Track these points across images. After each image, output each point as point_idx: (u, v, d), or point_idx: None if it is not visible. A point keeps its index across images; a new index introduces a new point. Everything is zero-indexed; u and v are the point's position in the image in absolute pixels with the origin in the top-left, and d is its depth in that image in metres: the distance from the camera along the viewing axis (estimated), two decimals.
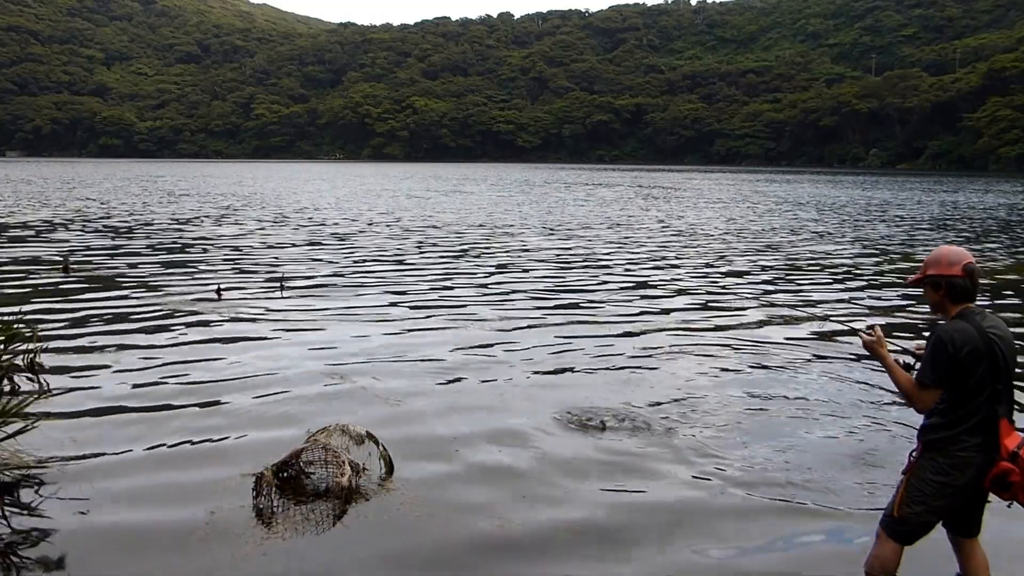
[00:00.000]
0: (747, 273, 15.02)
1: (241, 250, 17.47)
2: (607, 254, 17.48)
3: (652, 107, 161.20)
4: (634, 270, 15.14)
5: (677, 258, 16.99)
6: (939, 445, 3.49)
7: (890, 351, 3.70)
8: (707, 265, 15.91)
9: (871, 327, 3.84)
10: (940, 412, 3.52)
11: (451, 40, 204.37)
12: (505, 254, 17.43)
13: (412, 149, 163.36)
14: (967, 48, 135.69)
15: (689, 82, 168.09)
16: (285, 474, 5.00)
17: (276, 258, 16.14)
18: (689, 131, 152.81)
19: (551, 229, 23.14)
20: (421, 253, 17.31)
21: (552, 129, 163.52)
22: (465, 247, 18.52)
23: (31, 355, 7.35)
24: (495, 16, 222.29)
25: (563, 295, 12.30)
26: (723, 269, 15.45)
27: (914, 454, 3.60)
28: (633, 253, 17.77)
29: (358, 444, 5.14)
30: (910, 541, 3.64)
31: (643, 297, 12.23)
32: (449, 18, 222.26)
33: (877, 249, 19.37)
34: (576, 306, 11.37)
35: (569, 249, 18.34)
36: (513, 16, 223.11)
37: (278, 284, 12.48)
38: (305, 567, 4.14)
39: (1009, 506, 3.51)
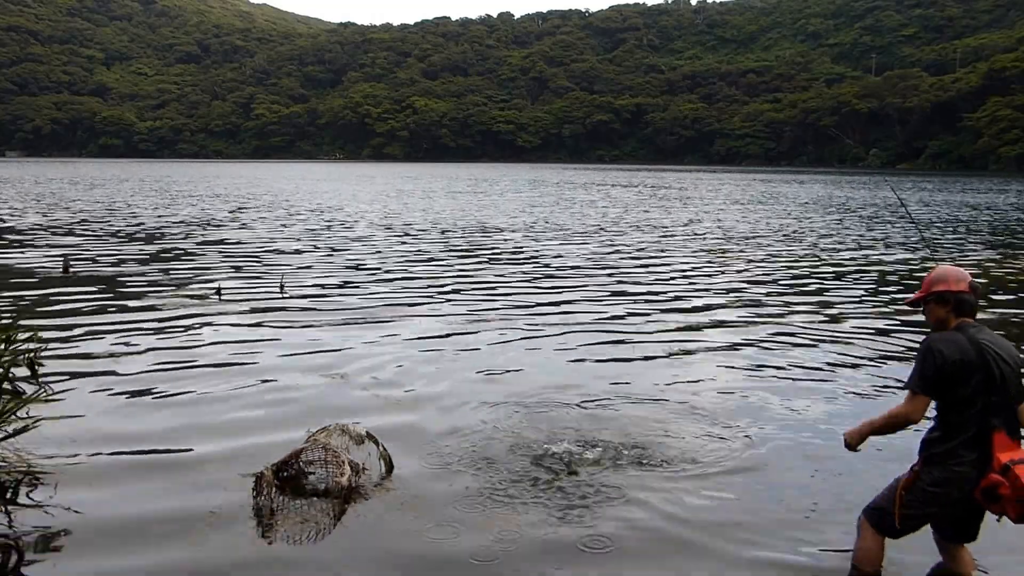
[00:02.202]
0: (790, 281, 14.38)
1: (242, 251, 17.47)
2: (640, 261, 16.64)
3: (652, 107, 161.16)
4: (670, 276, 14.56)
5: (716, 265, 16.15)
6: (937, 460, 3.56)
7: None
8: (744, 272, 15.25)
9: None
10: (936, 426, 3.62)
11: (451, 40, 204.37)
12: (523, 256, 17.41)
13: (412, 149, 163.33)
14: (967, 48, 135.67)
15: (689, 82, 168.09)
16: (285, 474, 5.01)
17: (277, 259, 16.15)
18: (689, 131, 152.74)
19: (577, 232, 22.86)
20: (428, 254, 17.30)
21: (552, 129, 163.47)
22: (473, 248, 18.51)
23: (31, 355, 7.37)
24: (495, 16, 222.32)
25: (581, 300, 12.18)
26: (761, 276, 14.70)
27: (915, 468, 3.66)
28: (667, 258, 17.05)
29: (358, 444, 5.15)
30: (898, 536, 3.73)
31: (683, 299, 12.06)
32: (449, 18, 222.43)
33: (909, 252, 18.76)
34: (600, 311, 11.13)
35: (597, 253, 18.09)
36: (513, 16, 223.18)
37: (279, 285, 12.49)
38: (304, 567, 4.15)
39: (999, 520, 3.54)
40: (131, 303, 11.12)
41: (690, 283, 13.73)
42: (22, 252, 16.61)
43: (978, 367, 3.41)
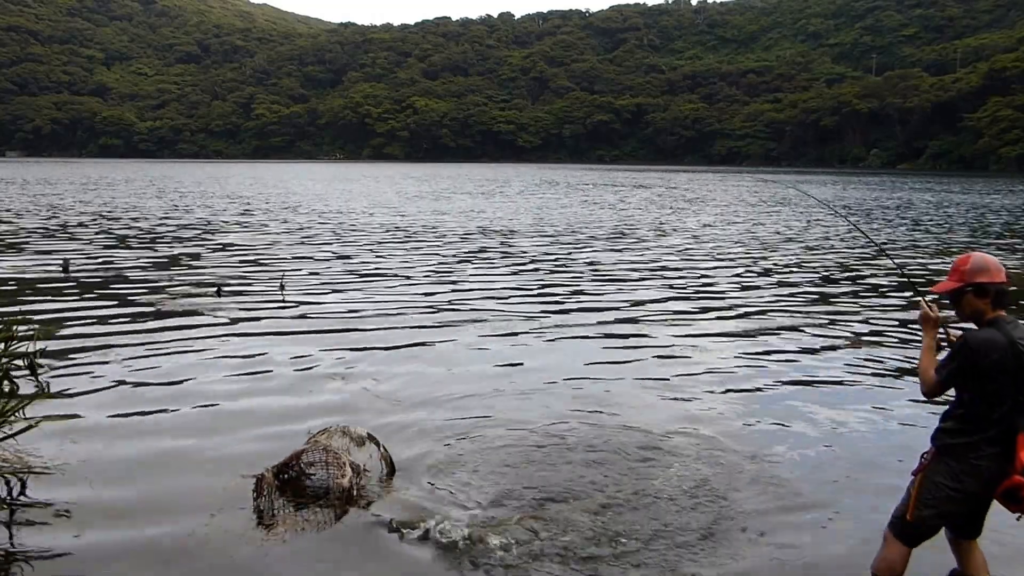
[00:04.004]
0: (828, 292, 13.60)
1: (243, 251, 17.44)
2: (663, 264, 16.16)
3: (653, 107, 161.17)
4: (694, 281, 14.12)
5: (747, 269, 15.60)
6: (955, 451, 3.47)
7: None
8: (770, 275, 14.86)
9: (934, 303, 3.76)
10: (959, 417, 3.51)
11: (451, 40, 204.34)
12: (531, 259, 17.34)
13: (412, 149, 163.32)
14: (968, 48, 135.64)
15: (690, 82, 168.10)
16: (286, 475, 4.98)
17: (278, 260, 16.11)
18: (690, 131, 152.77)
19: (593, 235, 22.60)
20: (432, 256, 17.25)
21: (552, 129, 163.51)
22: (479, 250, 18.45)
23: (31, 355, 7.34)
24: (495, 16, 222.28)
25: (588, 303, 12.12)
26: (784, 279, 14.32)
27: (926, 456, 3.58)
28: (693, 263, 16.33)
29: (359, 445, 5.13)
30: (916, 543, 3.63)
31: (707, 310, 11.77)
32: (449, 18, 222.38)
33: (923, 254, 18.32)
34: (613, 315, 10.99)
35: (612, 257, 17.90)
36: (513, 16, 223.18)
37: (279, 285, 12.45)
38: (305, 569, 4.13)
39: (1019, 519, 3.49)
40: (130, 302, 11.10)
41: (719, 288, 13.52)
42: (22, 253, 16.59)
43: (1009, 366, 3.34)
